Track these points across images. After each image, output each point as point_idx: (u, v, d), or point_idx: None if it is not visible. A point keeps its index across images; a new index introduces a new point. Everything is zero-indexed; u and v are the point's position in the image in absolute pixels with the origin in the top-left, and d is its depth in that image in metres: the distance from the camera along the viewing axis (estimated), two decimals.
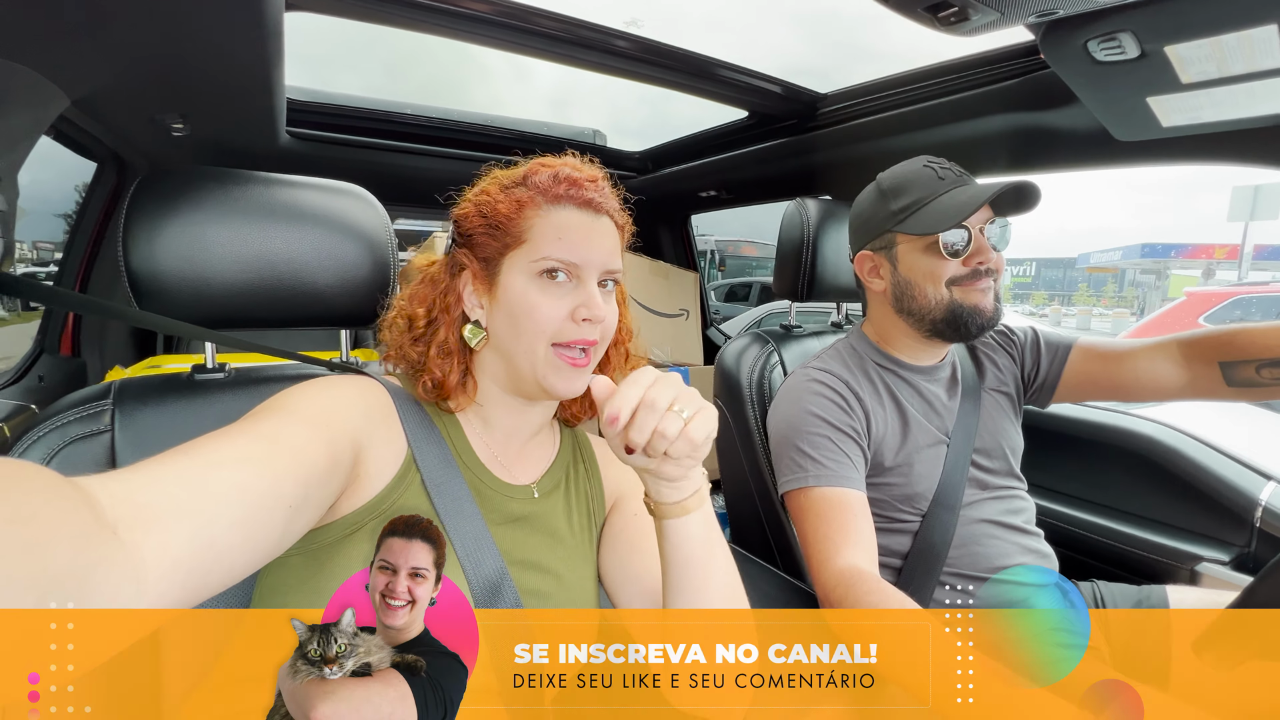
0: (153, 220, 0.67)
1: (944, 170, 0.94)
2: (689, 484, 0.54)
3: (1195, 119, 0.84)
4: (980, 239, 0.91)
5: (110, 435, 0.67)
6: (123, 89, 0.94)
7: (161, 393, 0.71)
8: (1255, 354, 0.87)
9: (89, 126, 1.16)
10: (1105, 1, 0.59)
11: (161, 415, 0.69)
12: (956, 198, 0.91)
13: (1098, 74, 0.75)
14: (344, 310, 0.77)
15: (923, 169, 0.96)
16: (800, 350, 1.26)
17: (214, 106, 1.04)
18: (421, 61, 31.00)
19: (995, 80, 1.07)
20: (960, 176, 0.94)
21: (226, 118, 1.11)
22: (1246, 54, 0.65)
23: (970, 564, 0.93)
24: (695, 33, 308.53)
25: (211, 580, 0.37)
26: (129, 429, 0.67)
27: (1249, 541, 1.13)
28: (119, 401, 0.68)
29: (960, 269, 0.92)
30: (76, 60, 0.84)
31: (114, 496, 0.34)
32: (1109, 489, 1.34)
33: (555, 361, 0.60)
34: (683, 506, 0.54)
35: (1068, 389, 1.04)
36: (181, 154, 1.28)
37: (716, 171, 1.76)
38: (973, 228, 0.91)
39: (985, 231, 0.91)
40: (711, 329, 2.42)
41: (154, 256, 0.67)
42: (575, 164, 0.65)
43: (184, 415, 0.70)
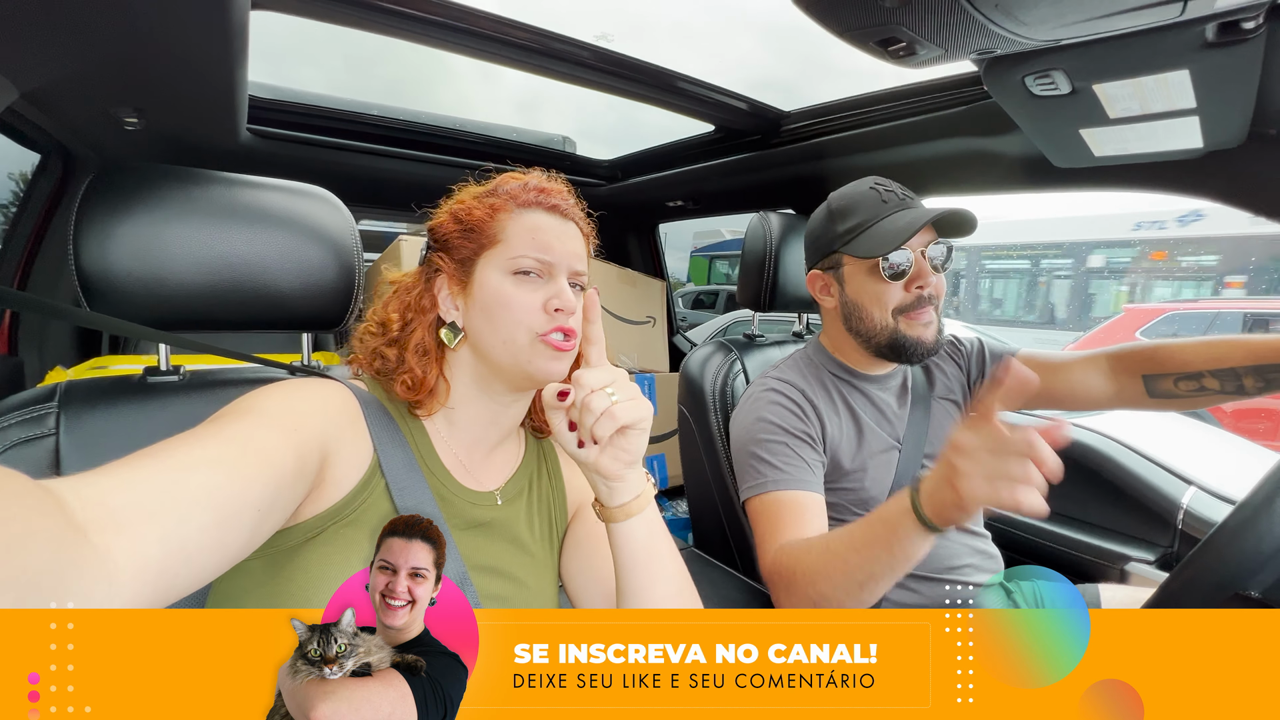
0: (107, 218, 0.65)
1: (887, 192, 0.98)
2: (627, 487, 0.57)
3: (1124, 150, 0.91)
4: (922, 262, 0.94)
5: (55, 439, 0.64)
6: (76, 81, 0.91)
7: (111, 396, 0.69)
8: (1173, 368, 0.94)
9: (35, 117, 1.11)
10: (1037, 44, 0.64)
11: (111, 419, 0.67)
12: (897, 221, 0.94)
13: (1035, 106, 0.80)
14: (307, 314, 0.76)
15: (868, 191, 0.99)
16: (763, 359, 1.30)
17: (172, 102, 1.02)
18: (386, 59, 29.64)
19: (947, 106, 1.12)
20: (903, 199, 0.97)
21: (185, 113, 1.08)
22: (1164, 95, 0.71)
23: (922, 565, 0.96)
24: (662, 42, 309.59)
25: (181, 583, 0.37)
26: (75, 433, 0.65)
27: (1172, 542, 1.21)
28: (65, 404, 0.66)
29: (904, 296, 0.95)
30: (31, 53, 0.81)
31: (84, 499, 0.34)
32: (1049, 493, 1.41)
33: (540, 347, 0.62)
34: (625, 510, 0.57)
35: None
36: (134, 148, 1.24)
37: (684, 182, 1.79)
38: (914, 250, 0.94)
39: (928, 253, 0.94)
40: (677, 336, 2.45)
41: (107, 255, 0.65)
42: (542, 177, 0.69)
43: (135, 419, 0.68)
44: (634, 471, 0.57)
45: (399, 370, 0.63)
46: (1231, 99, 0.72)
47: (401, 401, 0.65)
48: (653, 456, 1.93)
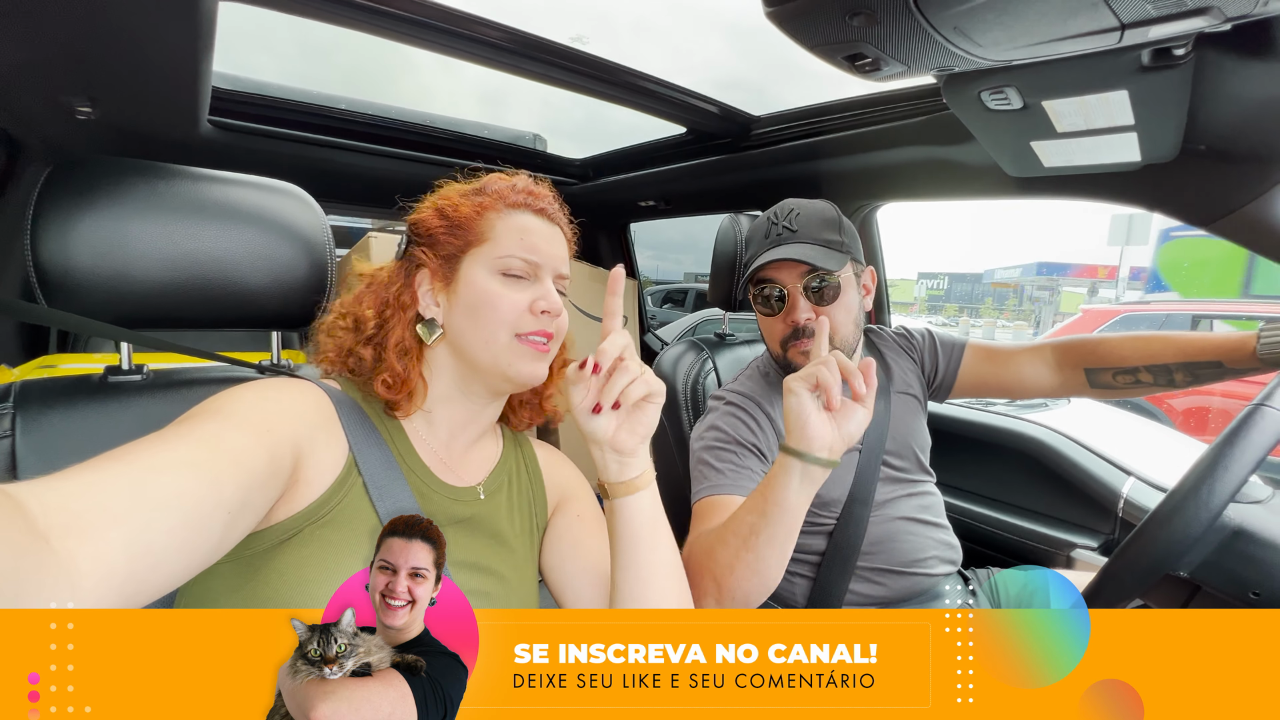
0: (67, 212, 0.63)
1: (771, 224, 0.99)
2: (638, 462, 0.59)
3: (1070, 161, 0.96)
4: (795, 297, 0.96)
5: (10, 442, 0.62)
6: (27, 67, 0.87)
7: (70, 396, 0.66)
8: (1112, 363, 1.01)
9: None
10: (991, 63, 0.68)
11: (70, 420, 0.65)
12: (764, 258, 0.96)
13: (990, 119, 0.85)
14: (276, 312, 0.75)
15: (763, 223, 1.01)
16: (733, 358, 1.33)
17: (131, 92, 0.98)
18: (344, 47, 28.84)
19: (910, 115, 1.17)
20: (780, 235, 0.97)
21: (144, 104, 1.04)
22: (1105, 112, 0.76)
23: (888, 559, 1.00)
24: (630, 40, 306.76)
25: (148, 587, 0.37)
26: (33, 435, 0.63)
27: (1114, 529, 1.29)
28: (20, 405, 0.64)
29: (783, 328, 0.98)
30: None
31: (46, 505, 0.34)
32: (1002, 485, 1.48)
33: (519, 348, 0.63)
34: (632, 485, 0.59)
35: (963, 388, 1.14)
36: (85, 138, 1.19)
37: (655, 183, 1.81)
38: (788, 285, 0.96)
39: (808, 285, 0.95)
40: (649, 334, 2.47)
41: (67, 251, 0.63)
42: (529, 179, 0.70)
43: (96, 420, 0.66)
44: (644, 446, 0.59)
45: (378, 369, 0.63)
46: (1165, 117, 0.78)
47: (378, 401, 0.64)
48: None
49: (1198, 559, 0.70)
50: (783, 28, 0.66)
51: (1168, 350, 0.97)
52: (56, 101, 1.00)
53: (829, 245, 0.97)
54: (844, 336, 0.99)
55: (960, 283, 47.28)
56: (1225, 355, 0.91)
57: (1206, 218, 0.94)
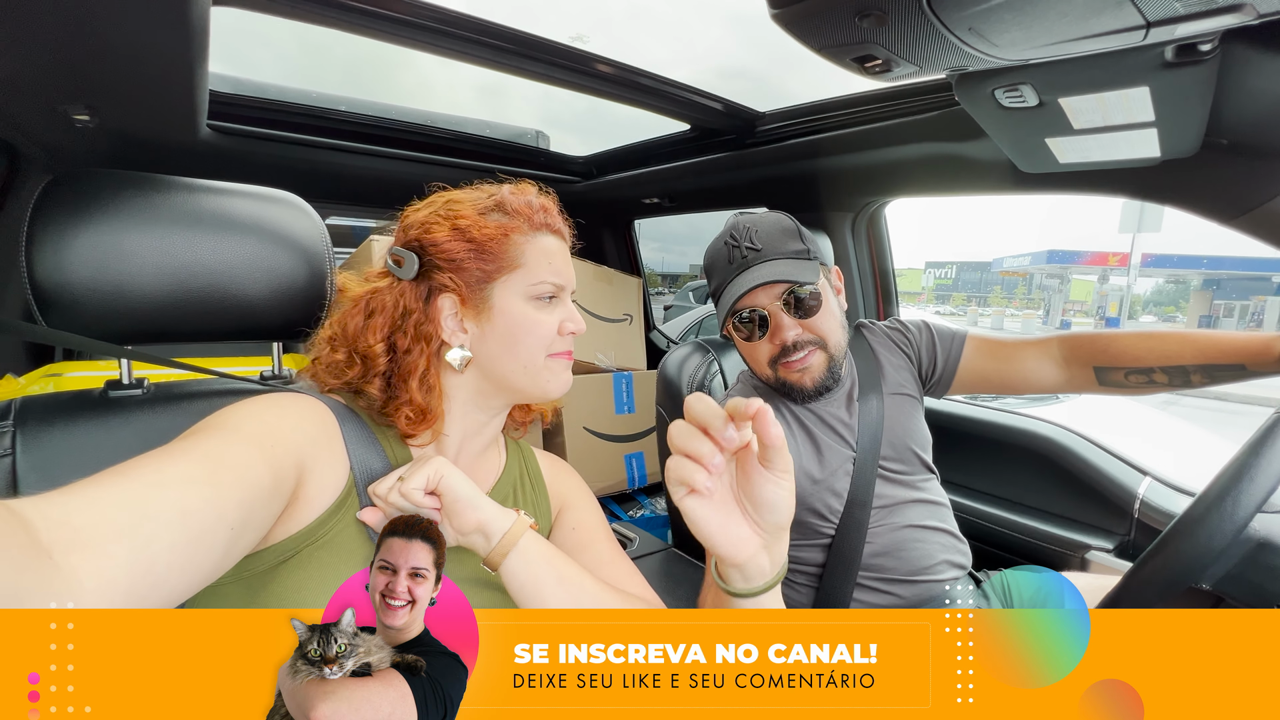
0: (62, 226, 0.62)
1: (733, 249, 0.97)
2: (481, 539, 0.57)
3: (1086, 158, 0.94)
4: (778, 316, 0.94)
5: (11, 459, 0.62)
6: (22, 76, 0.86)
7: (70, 412, 0.66)
8: (1125, 363, 0.98)
9: None
10: (1007, 62, 0.65)
11: (71, 437, 0.65)
12: (739, 286, 0.93)
13: (1004, 117, 0.82)
14: (277, 323, 0.74)
15: (722, 248, 0.99)
16: (739, 359, 1.31)
17: (128, 99, 0.97)
18: (343, 42, 28.64)
19: (919, 111, 1.14)
20: (746, 258, 0.95)
21: (142, 111, 1.03)
22: (1125, 108, 0.74)
23: (898, 568, 0.98)
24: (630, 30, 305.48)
25: (149, 604, 0.37)
26: (34, 452, 0.63)
27: (1130, 530, 1.27)
28: (21, 422, 0.63)
29: (770, 348, 0.96)
30: None
31: (49, 520, 0.33)
32: (1013, 485, 1.46)
33: (554, 365, 0.66)
34: (490, 562, 0.57)
35: (963, 383, 1.11)
36: (86, 145, 1.18)
37: (660, 180, 1.79)
38: (766, 307, 0.94)
39: (786, 304, 0.93)
40: (654, 333, 2.45)
41: (63, 266, 0.62)
42: (541, 196, 0.69)
43: (97, 437, 0.66)
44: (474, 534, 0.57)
45: (393, 402, 0.62)
46: (1188, 112, 0.75)
47: (388, 427, 0.63)
48: (631, 454, 1.93)
49: (1221, 571, 0.68)
50: (789, 30, 0.64)
51: (1185, 350, 0.94)
52: (54, 110, 0.99)
53: (798, 256, 0.95)
54: (835, 342, 0.98)
55: (968, 271, 46.95)
56: (1249, 358, 0.88)
57: (1229, 213, 0.91)
